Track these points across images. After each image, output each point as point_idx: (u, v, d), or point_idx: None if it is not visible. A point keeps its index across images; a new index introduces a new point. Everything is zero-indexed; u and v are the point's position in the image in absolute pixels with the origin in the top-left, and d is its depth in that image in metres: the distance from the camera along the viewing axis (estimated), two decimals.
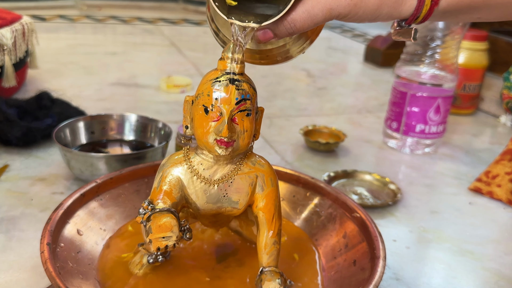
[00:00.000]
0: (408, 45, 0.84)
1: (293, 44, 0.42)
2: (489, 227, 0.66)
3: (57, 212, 0.48)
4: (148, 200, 0.43)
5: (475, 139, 0.97)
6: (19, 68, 0.95)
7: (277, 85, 1.23)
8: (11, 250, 0.52)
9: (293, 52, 0.43)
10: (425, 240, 0.62)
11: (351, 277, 0.47)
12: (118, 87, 1.10)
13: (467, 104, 1.09)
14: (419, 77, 0.83)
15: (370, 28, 2.13)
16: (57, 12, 1.90)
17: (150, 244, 0.39)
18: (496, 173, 0.74)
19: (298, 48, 0.43)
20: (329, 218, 0.55)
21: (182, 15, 2.09)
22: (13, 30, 0.90)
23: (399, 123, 0.86)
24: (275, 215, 0.45)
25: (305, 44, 0.43)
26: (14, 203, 0.61)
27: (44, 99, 0.81)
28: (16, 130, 0.72)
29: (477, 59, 1.06)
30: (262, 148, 0.84)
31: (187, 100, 0.42)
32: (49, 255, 0.42)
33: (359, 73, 1.45)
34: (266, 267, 0.45)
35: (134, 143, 0.75)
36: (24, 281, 0.48)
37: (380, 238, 0.48)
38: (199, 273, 0.47)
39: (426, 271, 0.55)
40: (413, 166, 0.82)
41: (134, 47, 1.50)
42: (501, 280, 0.55)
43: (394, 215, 0.66)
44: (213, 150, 0.40)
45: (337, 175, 0.74)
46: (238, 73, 0.39)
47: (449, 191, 0.75)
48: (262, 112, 0.43)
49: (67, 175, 0.69)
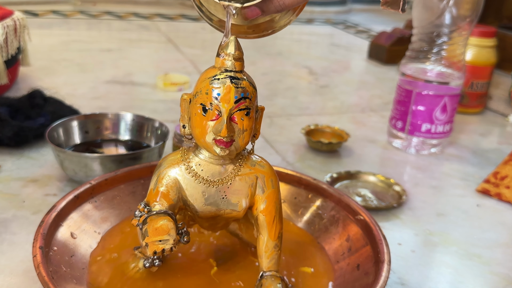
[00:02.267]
0: (414, 42, 0.84)
1: (280, 18, 0.42)
2: (497, 230, 0.66)
3: (50, 215, 0.48)
4: (144, 202, 0.43)
5: (483, 139, 0.97)
6: (11, 66, 0.95)
7: (278, 83, 1.23)
8: (2, 254, 0.52)
9: (280, 25, 0.43)
10: (431, 244, 0.62)
11: (354, 281, 0.47)
12: (113, 85, 1.10)
13: (475, 103, 1.09)
14: (425, 74, 0.83)
15: (374, 24, 2.13)
16: (50, 8, 1.90)
17: (147, 247, 0.39)
18: (504, 174, 0.74)
19: (285, 21, 0.43)
20: (332, 220, 0.55)
21: (179, 11, 2.10)
22: (4, 26, 0.90)
23: (404, 123, 0.86)
24: (276, 217, 0.45)
25: (292, 17, 0.43)
26: (5, 205, 0.61)
27: (37, 98, 0.81)
28: (7, 130, 0.72)
29: (485, 56, 1.06)
30: (263, 148, 0.84)
31: (184, 99, 0.42)
32: (41, 259, 0.42)
33: (363, 70, 1.45)
34: (267, 271, 0.45)
35: (130, 143, 0.75)
36: (15, 286, 0.48)
37: (385, 242, 0.48)
38: (196, 277, 0.47)
39: (432, 275, 0.55)
40: (419, 167, 0.82)
41: (129, 43, 1.50)
42: (510, 285, 0.55)
43: (399, 218, 0.66)
44: (212, 150, 0.40)
45: (340, 176, 0.74)
46: (237, 70, 0.39)
47: (456, 193, 0.75)
48: (262, 111, 0.43)
49: (60, 176, 0.69)
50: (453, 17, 0.79)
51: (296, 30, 1.93)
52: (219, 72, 0.39)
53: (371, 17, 2.33)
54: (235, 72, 0.39)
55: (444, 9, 0.79)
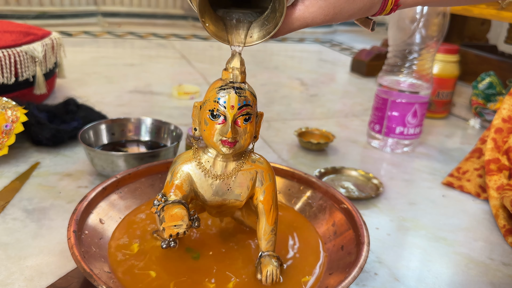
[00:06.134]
0: (389, 57, 0.84)
1: None
2: (460, 217, 0.66)
3: (82, 204, 0.48)
4: (161, 193, 0.43)
5: (447, 140, 0.97)
6: (49, 78, 0.95)
7: (274, 93, 1.23)
8: (41, 237, 0.52)
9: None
10: (404, 228, 0.62)
11: (339, 260, 0.47)
12: (135, 94, 1.10)
13: (441, 109, 1.09)
14: (398, 85, 0.83)
15: (356, 43, 2.13)
16: (82, 29, 1.90)
17: (164, 231, 0.39)
18: (466, 169, 0.74)
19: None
20: (320, 208, 0.55)
21: (191, 31, 2.09)
22: (43, 45, 0.90)
23: (381, 126, 0.86)
24: (272, 206, 0.45)
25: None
26: (44, 195, 0.61)
27: (71, 105, 0.81)
28: (46, 132, 0.72)
29: (450, 69, 1.05)
30: (261, 147, 0.84)
31: (195, 106, 0.42)
32: (75, 241, 0.42)
33: (346, 82, 1.45)
34: (265, 251, 0.45)
35: (149, 143, 0.75)
36: (53, 264, 0.48)
37: (365, 226, 0.48)
38: (206, 252, 0.47)
39: (405, 255, 0.55)
40: (394, 163, 0.82)
41: (149, 59, 1.50)
42: (470, 263, 0.55)
43: (377, 206, 0.66)
44: (219, 149, 0.40)
45: (327, 171, 0.74)
46: (240, 82, 0.39)
47: (425, 185, 0.75)
48: (261, 116, 0.43)
49: (90, 171, 0.69)
50: (423, 37, 0.79)
51: (289, 48, 1.93)
52: (225, 83, 0.39)
53: (353, 37, 2.32)
54: (238, 83, 0.39)
55: (415, 30, 0.79)
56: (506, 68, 1.10)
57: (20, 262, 0.48)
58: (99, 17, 2.03)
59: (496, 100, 1.04)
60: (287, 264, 0.47)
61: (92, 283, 0.38)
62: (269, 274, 0.43)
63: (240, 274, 0.45)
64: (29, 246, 0.50)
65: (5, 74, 0.82)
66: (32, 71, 0.88)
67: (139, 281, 0.43)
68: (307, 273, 0.46)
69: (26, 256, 0.49)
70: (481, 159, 0.72)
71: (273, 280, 0.43)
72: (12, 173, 0.66)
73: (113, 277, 0.42)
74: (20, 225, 0.54)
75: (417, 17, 0.78)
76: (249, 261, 0.47)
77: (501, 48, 1.35)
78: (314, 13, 0.35)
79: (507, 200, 0.59)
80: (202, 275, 0.44)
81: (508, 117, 0.69)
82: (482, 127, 1.05)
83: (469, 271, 0.53)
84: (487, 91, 1.06)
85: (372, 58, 1.45)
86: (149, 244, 0.48)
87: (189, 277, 0.44)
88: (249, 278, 0.44)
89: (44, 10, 1.88)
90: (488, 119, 1.03)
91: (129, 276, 0.43)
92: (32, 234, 0.53)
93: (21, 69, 0.85)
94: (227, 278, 0.44)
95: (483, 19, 1.30)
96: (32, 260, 0.48)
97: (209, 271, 0.45)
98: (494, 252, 0.57)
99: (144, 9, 2.13)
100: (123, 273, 0.43)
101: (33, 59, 0.87)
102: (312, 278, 0.45)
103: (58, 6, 1.91)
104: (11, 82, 0.84)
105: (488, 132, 0.71)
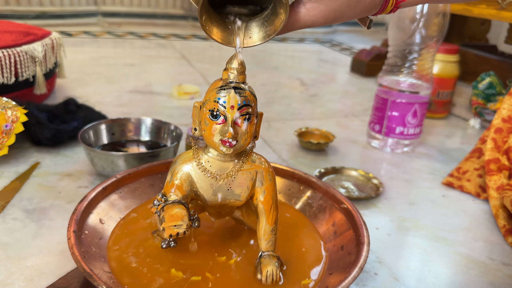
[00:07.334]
0: (389, 57, 0.84)
1: None
2: (460, 216, 0.66)
3: (82, 204, 0.48)
4: (161, 193, 0.43)
5: (447, 140, 0.97)
6: (49, 78, 0.95)
7: (274, 93, 1.22)
8: (41, 237, 0.52)
9: None
10: (404, 228, 0.61)
11: (339, 260, 0.47)
12: (135, 94, 1.09)
13: (441, 109, 1.09)
14: (398, 85, 0.83)
15: (356, 43, 2.13)
16: (82, 29, 1.90)
17: (164, 231, 0.39)
18: (466, 169, 0.74)
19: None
20: (320, 208, 0.55)
21: (191, 31, 2.09)
22: (43, 45, 0.90)
23: (381, 126, 0.86)
24: (272, 206, 0.45)
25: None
26: (44, 195, 0.61)
27: (71, 105, 0.81)
28: (46, 132, 0.72)
29: (449, 69, 1.05)
30: (261, 147, 0.84)
31: (195, 106, 0.42)
32: (75, 241, 0.42)
33: (346, 82, 1.45)
34: (265, 251, 0.45)
35: (149, 143, 0.75)
36: (53, 264, 0.48)
37: (365, 226, 0.48)
38: (205, 252, 0.47)
39: (405, 255, 0.55)
40: (393, 163, 0.82)
41: (149, 59, 1.50)
42: (470, 263, 0.55)
43: (377, 206, 0.66)
44: (219, 149, 0.40)
45: (327, 171, 0.74)
46: (240, 82, 0.39)
47: (425, 185, 0.75)
48: (261, 116, 0.43)
49: (90, 171, 0.69)
50: (423, 37, 0.79)
51: (289, 47, 1.93)
52: (225, 83, 0.39)
53: (353, 37, 2.32)
54: (238, 83, 0.39)
55: (415, 30, 0.79)
56: (506, 68, 1.10)
57: (20, 262, 0.48)
58: (99, 17, 2.03)
59: (496, 100, 1.04)
60: (287, 264, 0.47)
61: (92, 283, 0.38)
62: (269, 274, 0.43)
63: (240, 274, 0.45)
64: (29, 246, 0.50)
65: (5, 74, 0.82)
66: (32, 71, 0.88)
67: (139, 281, 0.43)
68: (307, 274, 0.46)
69: (26, 256, 0.49)
70: (481, 159, 0.72)
71: (273, 280, 0.43)
72: (12, 173, 0.66)
73: (113, 277, 0.42)
74: (20, 225, 0.54)
75: (417, 17, 0.78)
76: (249, 261, 0.47)
77: (501, 48, 1.35)
78: (314, 16, 0.35)
79: (507, 200, 0.59)
80: (202, 275, 0.44)
81: (508, 117, 0.69)
82: (482, 127, 1.05)
83: (469, 271, 0.53)
84: (487, 91, 1.06)
85: (372, 58, 1.45)
86: (149, 244, 0.48)
87: (189, 277, 0.44)
88: (249, 278, 0.44)
89: (44, 10, 1.87)
90: (488, 119, 1.03)
91: (129, 276, 0.43)
92: (32, 234, 0.53)
93: (21, 69, 0.85)
94: (227, 278, 0.44)
95: (483, 19, 1.30)
96: (32, 260, 0.48)
97: (209, 271, 0.45)
98: (494, 252, 0.57)
99: (144, 9, 2.13)
100: (123, 273, 0.43)
101: (33, 59, 0.87)
102: (312, 278, 0.45)
103: (58, 6, 1.91)
104: (11, 82, 0.84)
105: (488, 132, 0.71)
